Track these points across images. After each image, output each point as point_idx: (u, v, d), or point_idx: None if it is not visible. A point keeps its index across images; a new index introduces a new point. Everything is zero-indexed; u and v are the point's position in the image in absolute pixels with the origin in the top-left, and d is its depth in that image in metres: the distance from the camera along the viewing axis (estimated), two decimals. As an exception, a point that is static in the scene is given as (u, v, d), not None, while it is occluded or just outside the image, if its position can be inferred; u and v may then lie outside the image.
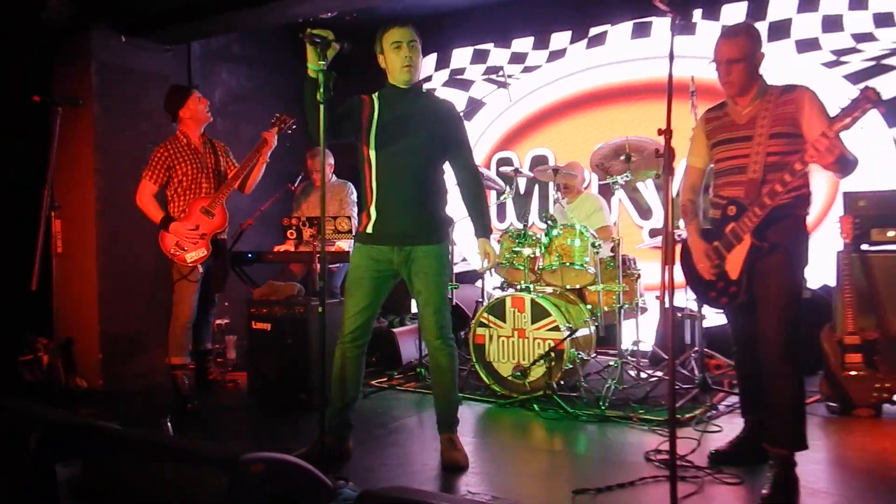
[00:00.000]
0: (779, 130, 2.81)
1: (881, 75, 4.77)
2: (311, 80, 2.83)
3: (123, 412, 4.35)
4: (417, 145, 3.05)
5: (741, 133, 2.90)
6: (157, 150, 4.33)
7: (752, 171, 2.83)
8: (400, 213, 3.08)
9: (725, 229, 2.88)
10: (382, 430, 3.83)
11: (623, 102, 5.78)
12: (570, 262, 4.43)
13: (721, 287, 2.93)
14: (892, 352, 3.79)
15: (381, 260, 3.13)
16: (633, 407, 3.94)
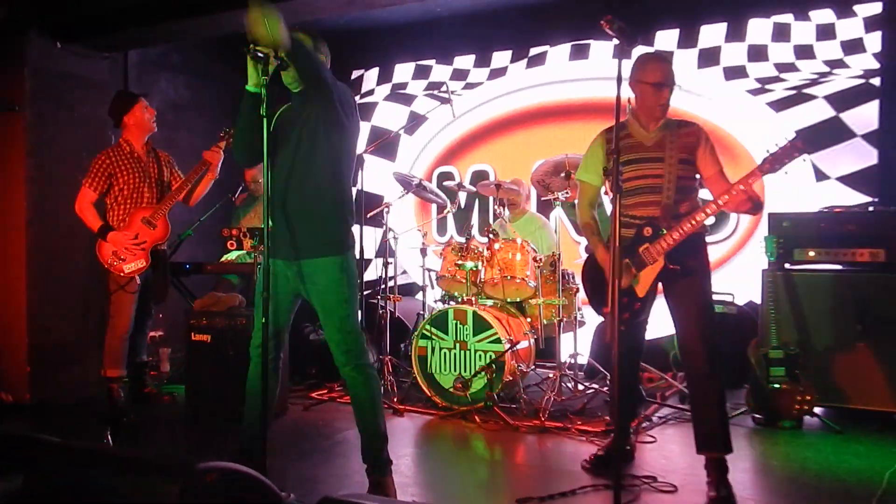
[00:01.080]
0: (685, 157, 3.03)
1: (802, 104, 5.07)
2: (249, 95, 2.78)
3: (55, 426, 4.20)
4: (294, 152, 2.86)
5: (650, 154, 3.05)
6: (99, 157, 4.23)
7: (665, 195, 2.99)
8: (287, 226, 2.87)
9: (639, 248, 3.01)
10: (325, 441, 3.82)
11: (562, 121, 5.94)
12: (511, 275, 4.53)
13: (626, 303, 3.06)
14: (813, 366, 4.02)
15: (278, 275, 2.92)
16: (570, 418, 4.05)
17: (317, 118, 2.85)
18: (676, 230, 2.93)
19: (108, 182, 4.21)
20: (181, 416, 4.36)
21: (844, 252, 4.13)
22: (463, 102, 6.31)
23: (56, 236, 4.67)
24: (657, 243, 2.97)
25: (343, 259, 2.88)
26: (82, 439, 3.38)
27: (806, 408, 3.87)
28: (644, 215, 3.04)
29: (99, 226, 4.15)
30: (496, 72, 6.28)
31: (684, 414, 4.19)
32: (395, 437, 3.22)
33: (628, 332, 3.16)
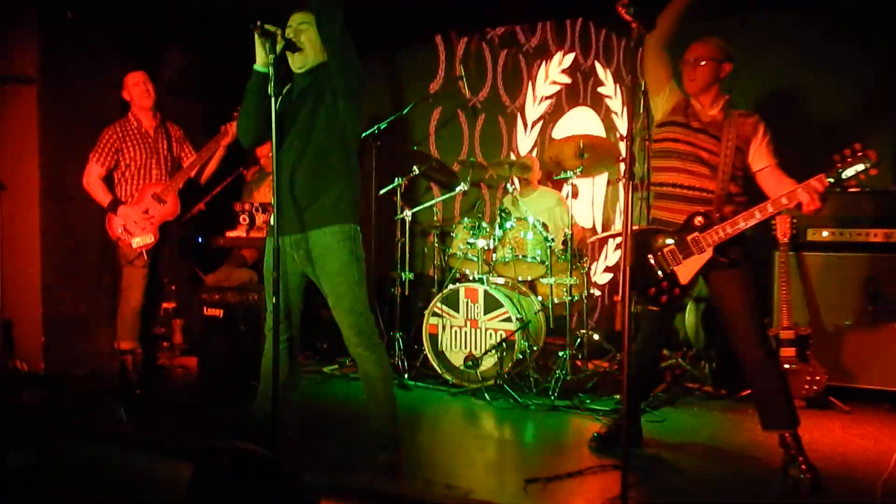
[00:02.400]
0: (740, 146, 3.00)
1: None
2: (256, 74, 2.79)
3: (68, 397, 4.26)
4: (302, 129, 2.85)
5: (704, 127, 3.03)
6: (106, 131, 4.23)
7: (720, 181, 2.97)
8: (294, 201, 2.85)
9: (687, 237, 2.99)
10: (337, 418, 3.86)
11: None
12: (522, 254, 4.53)
13: (665, 287, 3.05)
14: (822, 346, 4.01)
15: (285, 255, 2.91)
16: (580, 397, 4.07)
17: (327, 92, 2.83)
18: (731, 225, 2.90)
19: (116, 157, 4.21)
20: (193, 389, 4.42)
21: (858, 232, 4.10)
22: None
23: (69, 208, 4.70)
24: (708, 234, 2.94)
25: (350, 228, 2.87)
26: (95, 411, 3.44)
27: (816, 388, 3.87)
28: (690, 184, 3.02)
29: (109, 200, 4.16)
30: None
31: (694, 394, 4.21)
32: (404, 413, 3.24)
33: (660, 316, 3.20)
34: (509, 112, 5.94)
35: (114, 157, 4.21)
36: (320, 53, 2.87)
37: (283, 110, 2.90)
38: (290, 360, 3.05)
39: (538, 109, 5.84)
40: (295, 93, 2.93)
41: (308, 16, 2.87)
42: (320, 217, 2.84)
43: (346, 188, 2.88)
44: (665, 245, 3.04)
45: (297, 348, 3.09)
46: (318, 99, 2.85)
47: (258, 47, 2.75)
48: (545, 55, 5.81)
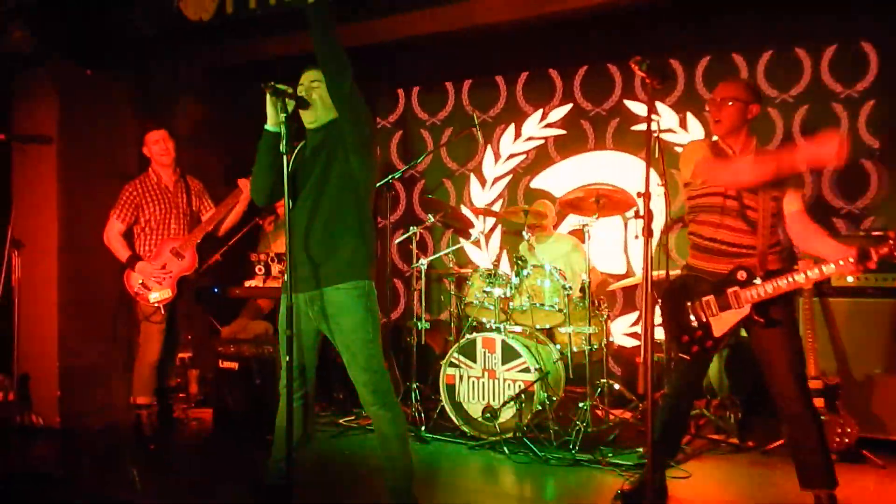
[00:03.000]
0: (776, 194, 2.94)
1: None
2: (267, 133, 2.80)
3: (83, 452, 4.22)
4: (315, 185, 2.83)
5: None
6: (126, 188, 4.27)
7: (761, 236, 2.92)
8: (309, 258, 2.83)
9: (727, 290, 2.93)
10: (353, 474, 3.78)
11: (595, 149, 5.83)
12: (539, 302, 4.47)
13: (699, 337, 3.00)
14: (852, 396, 3.89)
15: (300, 313, 2.89)
16: (601, 450, 3.96)
17: (339, 148, 2.83)
18: (772, 285, 2.86)
19: (136, 213, 4.25)
20: (207, 442, 4.36)
21: (885, 277, 4.00)
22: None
23: (86, 261, 4.71)
24: (748, 290, 2.90)
25: (365, 284, 2.84)
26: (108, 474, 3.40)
27: (847, 440, 3.74)
28: (730, 241, 2.97)
29: (127, 256, 4.19)
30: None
31: (720, 446, 4.09)
32: (421, 468, 3.16)
33: (691, 367, 3.13)
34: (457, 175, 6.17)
35: (134, 213, 4.25)
36: (332, 109, 2.87)
37: (296, 168, 2.91)
38: (305, 417, 3.01)
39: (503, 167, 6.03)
40: (308, 149, 2.93)
41: (320, 73, 2.88)
42: (334, 274, 2.82)
43: (360, 244, 2.86)
44: (704, 294, 2.99)
45: (312, 404, 3.05)
46: (331, 155, 2.85)
47: (269, 107, 2.76)
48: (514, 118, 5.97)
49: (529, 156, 5.94)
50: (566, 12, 4.31)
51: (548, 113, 5.86)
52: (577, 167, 5.75)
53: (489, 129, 6.06)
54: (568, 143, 5.79)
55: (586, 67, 5.72)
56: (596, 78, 5.69)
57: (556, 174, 5.85)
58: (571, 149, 5.78)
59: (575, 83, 5.77)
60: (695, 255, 3.12)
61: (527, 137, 5.96)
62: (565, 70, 5.80)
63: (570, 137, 5.77)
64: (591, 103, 5.71)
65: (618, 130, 5.59)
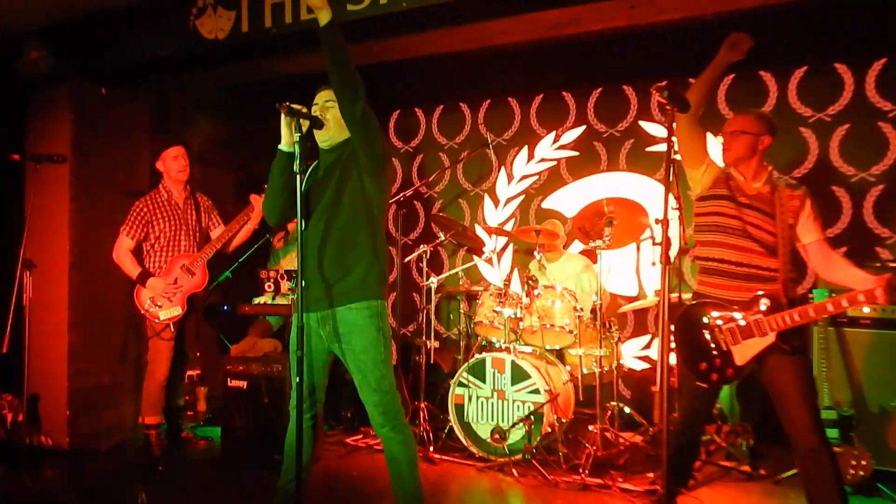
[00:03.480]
0: (792, 223, 2.95)
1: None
2: (281, 153, 2.80)
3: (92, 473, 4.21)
4: (328, 205, 2.85)
5: (755, 203, 2.97)
6: (136, 204, 4.27)
7: (783, 265, 2.91)
8: (321, 278, 2.83)
9: (750, 317, 2.89)
10: (359, 495, 3.76)
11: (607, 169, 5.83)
12: (550, 323, 4.44)
13: (718, 365, 2.96)
14: (867, 428, 3.84)
15: (311, 333, 2.89)
16: (612, 475, 3.92)
17: (352, 168, 2.83)
18: (800, 314, 2.81)
19: (146, 230, 4.25)
20: (216, 462, 4.34)
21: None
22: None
23: (97, 281, 4.71)
24: (774, 318, 2.85)
25: (377, 304, 2.84)
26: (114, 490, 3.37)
27: (861, 473, 3.68)
28: (738, 261, 2.95)
29: (138, 273, 4.19)
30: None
31: (731, 474, 4.04)
32: (429, 490, 3.12)
33: (704, 394, 3.10)
34: (471, 195, 6.22)
35: (144, 230, 4.25)
36: (345, 129, 2.88)
37: (310, 187, 2.91)
38: (314, 438, 3.01)
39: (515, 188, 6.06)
40: (321, 169, 2.94)
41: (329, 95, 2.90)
42: (347, 293, 2.82)
43: (373, 263, 2.85)
44: (726, 322, 2.95)
45: (321, 424, 3.04)
46: (344, 175, 2.85)
47: (283, 127, 2.76)
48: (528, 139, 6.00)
49: (542, 177, 5.95)
50: (581, 34, 4.29)
51: (561, 135, 5.87)
52: (589, 188, 5.75)
53: (503, 151, 6.09)
54: (580, 164, 5.79)
55: (601, 89, 5.71)
56: (610, 99, 5.68)
57: (568, 195, 5.85)
58: (584, 170, 5.78)
59: (589, 105, 5.76)
60: (702, 280, 3.09)
61: (539, 159, 5.97)
62: (579, 91, 5.81)
63: (583, 159, 5.77)
64: (604, 125, 5.70)
65: (632, 151, 5.57)
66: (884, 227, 4.73)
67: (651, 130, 5.49)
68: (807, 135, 4.96)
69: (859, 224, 4.77)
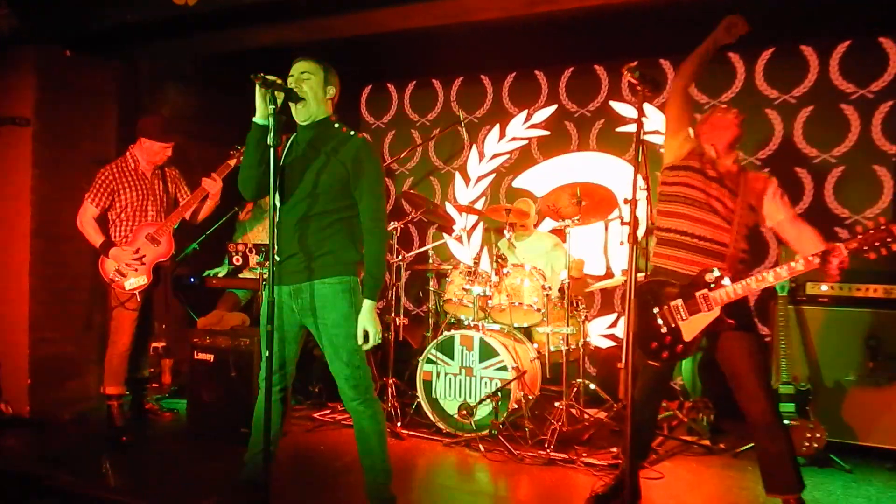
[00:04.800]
0: (753, 204, 3.01)
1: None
2: (256, 127, 2.75)
3: (53, 443, 4.15)
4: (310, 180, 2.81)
5: (719, 177, 3.02)
6: (102, 171, 4.18)
7: (733, 240, 2.97)
8: (296, 252, 2.83)
9: (696, 293, 2.94)
10: (328, 470, 3.77)
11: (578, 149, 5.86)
12: (518, 301, 4.48)
13: (668, 342, 2.99)
14: (823, 402, 3.96)
15: (282, 305, 2.88)
16: (577, 450, 3.99)
17: (337, 162, 2.80)
18: (741, 285, 2.86)
19: (111, 198, 4.17)
20: (181, 435, 4.31)
21: (858, 287, 4.08)
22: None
23: (60, 249, 4.61)
24: (718, 291, 2.89)
25: (351, 280, 2.84)
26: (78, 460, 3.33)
27: (816, 445, 3.80)
28: (701, 234, 2.99)
29: (101, 242, 4.11)
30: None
31: (692, 448, 4.14)
32: (397, 465, 3.14)
33: (659, 371, 3.15)
34: (443, 172, 6.23)
35: (109, 198, 4.16)
36: (323, 105, 2.86)
37: (289, 163, 2.88)
38: (283, 412, 3.00)
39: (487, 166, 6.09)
40: (300, 145, 2.89)
41: (311, 64, 2.86)
42: (322, 268, 2.82)
43: (349, 241, 2.86)
44: (672, 299, 2.99)
45: (289, 399, 3.04)
46: (328, 162, 2.81)
47: (258, 99, 2.71)
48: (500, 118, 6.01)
49: (513, 156, 5.98)
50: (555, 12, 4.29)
51: (532, 114, 5.88)
52: (560, 167, 5.79)
53: (475, 129, 6.09)
54: (552, 143, 5.82)
55: (572, 69, 5.74)
56: (582, 79, 5.71)
57: (539, 174, 5.88)
58: (555, 150, 5.81)
59: (560, 84, 5.79)
60: (659, 252, 3.12)
61: (511, 138, 5.99)
62: (551, 71, 5.83)
63: (554, 138, 5.80)
64: (576, 104, 5.73)
65: (602, 131, 5.62)
66: (843, 208, 4.85)
67: (621, 111, 5.54)
68: (772, 116, 5.05)
69: (820, 204, 4.90)
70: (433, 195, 6.20)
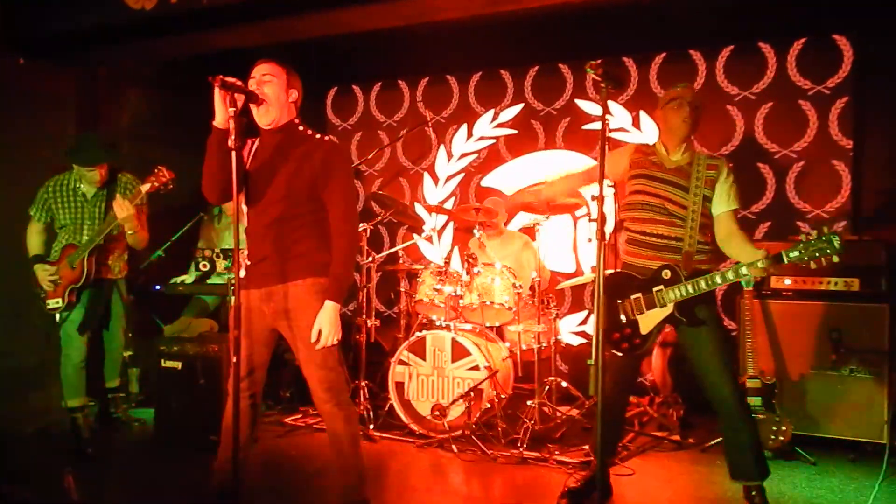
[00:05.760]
0: (707, 194, 3.08)
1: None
2: (217, 131, 2.70)
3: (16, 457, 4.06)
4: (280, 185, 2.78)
5: (671, 177, 3.11)
6: (42, 187, 4.13)
7: (688, 237, 3.05)
8: (267, 254, 2.80)
9: (653, 288, 3.05)
10: (300, 475, 3.74)
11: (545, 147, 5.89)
12: (490, 300, 4.48)
13: (628, 334, 3.12)
14: (788, 395, 4.03)
15: (253, 309, 2.86)
16: (549, 448, 4.00)
17: (307, 169, 2.77)
18: (693, 285, 2.97)
19: (48, 213, 4.12)
20: (150, 444, 4.24)
21: (819, 280, 4.15)
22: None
23: (18, 259, 4.47)
24: (671, 290, 3.01)
25: (324, 281, 2.80)
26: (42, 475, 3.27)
27: (782, 438, 3.86)
28: (658, 233, 3.09)
29: (31, 255, 4.10)
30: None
31: (662, 444, 4.18)
32: (370, 467, 3.14)
33: (626, 364, 3.24)
34: (412, 172, 6.25)
35: (46, 213, 4.13)
36: (286, 108, 2.83)
37: (256, 167, 2.84)
38: (252, 418, 2.96)
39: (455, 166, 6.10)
40: (267, 149, 2.85)
41: (272, 66, 2.82)
42: (295, 270, 2.80)
43: (321, 245, 2.83)
44: (633, 292, 3.10)
45: (259, 404, 3.01)
46: (299, 166, 2.77)
47: (218, 103, 2.66)
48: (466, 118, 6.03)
49: (481, 155, 5.99)
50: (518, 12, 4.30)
51: (499, 113, 5.90)
52: (528, 166, 5.81)
53: (442, 129, 6.09)
54: (519, 142, 5.84)
55: (537, 67, 5.76)
56: (547, 78, 5.73)
57: (507, 173, 5.89)
58: (522, 148, 5.83)
59: (526, 83, 5.80)
60: (627, 250, 3.25)
61: (478, 137, 6.00)
62: (517, 70, 5.84)
63: (521, 137, 5.82)
64: (542, 103, 5.75)
65: (568, 129, 5.65)
66: (805, 203, 4.93)
67: (587, 108, 5.58)
68: (734, 113, 5.12)
69: (782, 199, 4.98)
70: (403, 196, 6.17)
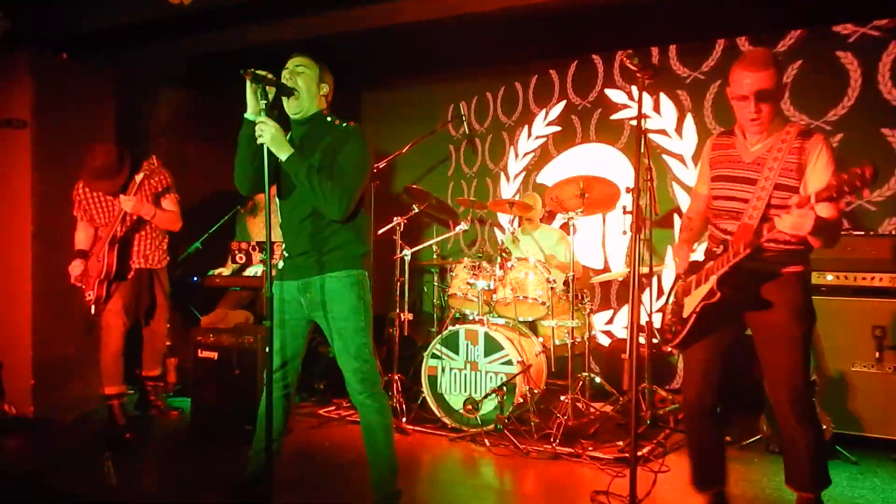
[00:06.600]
0: (784, 182, 2.58)
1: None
2: (247, 123, 2.74)
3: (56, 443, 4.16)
4: None
5: (744, 173, 2.67)
6: (75, 187, 4.26)
7: (748, 217, 2.60)
8: (302, 247, 2.84)
9: (705, 265, 2.74)
10: (333, 466, 3.76)
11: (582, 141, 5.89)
12: (523, 294, 4.47)
13: (675, 320, 2.82)
14: (828, 393, 3.94)
15: (289, 300, 2.89)
16: (582, 444, 3.97)
17: (330, 154, 2.79)
18: (733, 253, 2.55)
19: (83, 212, 4.26)
20: (185, 433, 4.31)
21: (864, 276, 4.04)
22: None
23: (60, 250, 4.59)
24: (715, 262, 2.62)
25: (358, 273, 2.85)
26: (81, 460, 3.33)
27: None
28: (722, 227, 2.75)
29: (75, 249, 4.22)
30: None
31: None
32: (402, 459, 3.14)
33: (693, 360, 2.84)
34: (494, 173, 6.35)
35: (82, 212, 4.26)
36: (316, 100, 2.86)
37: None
38: (286, 408, 3.00)
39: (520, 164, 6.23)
40: (295, 140, 2.88)
41: (306, 59, 2.86)
42: (331, 263, 2.83)
43: (354, 236, 2.86)
44: (687, 276, 2.80)
45: (293, 395, 3.04)
46: (325, 157, 2.79)
47: (249, 95, 2.71)
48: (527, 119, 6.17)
49: (536, 153, 6.14)
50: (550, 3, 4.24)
51: (549, 111, 6.04)
52: (567, 161, 5.94)
53: (511, 131, 6.28)
54: (562, 137, 5.97)
55: (577, 61, 5.83)
56: (583, 70, 5.75)
57: (553, 169, 6.03)
58: (565, 143, 5.96)
59: (567, 79, 5.89)
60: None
61: (535, 136, 6.15)
62: (560, 67, 5.95)
63: (564, 133, 5.95)
64: (579, 97, 5.84)
65: (599, 121, 5.72)
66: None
67: (614, 98, 5.61)
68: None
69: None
70: (489, 195, 6.33)
